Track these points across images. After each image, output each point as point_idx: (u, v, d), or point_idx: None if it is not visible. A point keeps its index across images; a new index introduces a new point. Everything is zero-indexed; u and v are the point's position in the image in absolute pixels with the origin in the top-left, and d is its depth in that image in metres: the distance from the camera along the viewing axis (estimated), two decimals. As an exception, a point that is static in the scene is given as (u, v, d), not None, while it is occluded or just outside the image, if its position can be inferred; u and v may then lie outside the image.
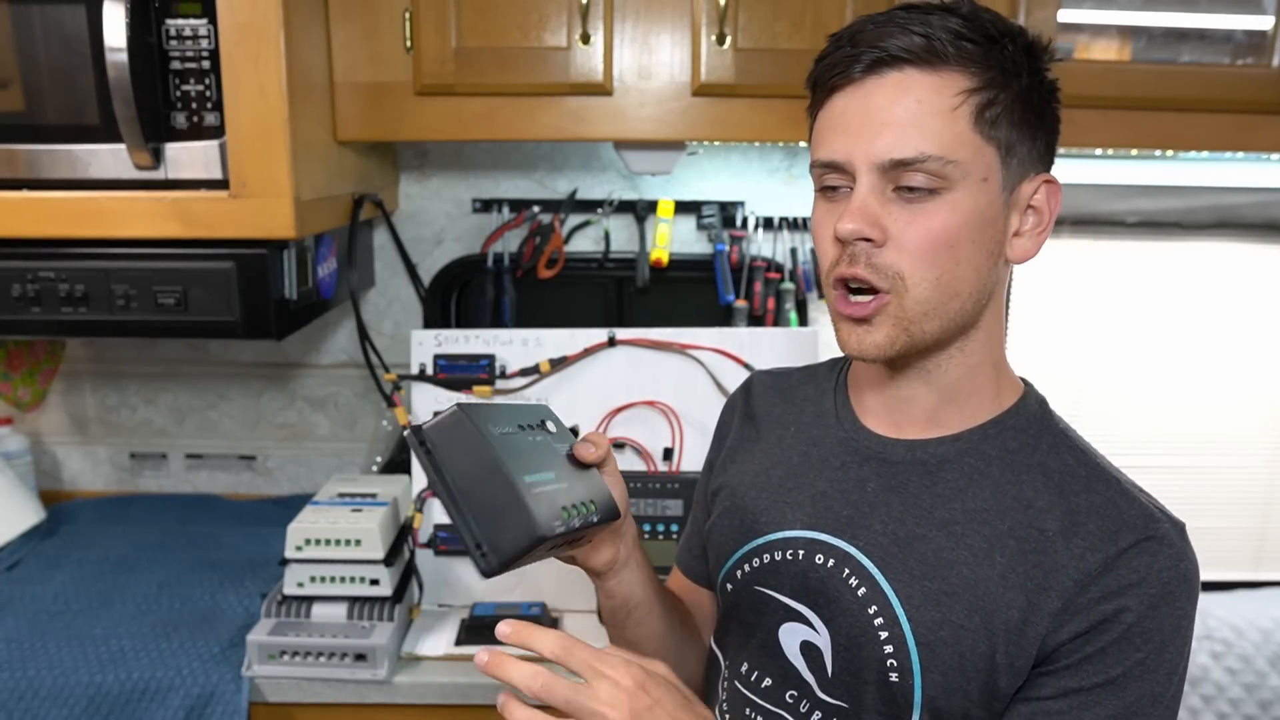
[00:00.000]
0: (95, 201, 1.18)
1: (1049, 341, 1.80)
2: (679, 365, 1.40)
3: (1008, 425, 0.79)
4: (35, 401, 1.77)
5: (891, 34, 0.70)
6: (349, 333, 1.75)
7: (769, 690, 0.82)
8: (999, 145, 0.71)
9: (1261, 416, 1.84)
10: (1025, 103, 0.72)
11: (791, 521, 0.82)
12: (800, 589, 0.80)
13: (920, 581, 0.74)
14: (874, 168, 0.71)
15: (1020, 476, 0.76)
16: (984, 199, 0.72)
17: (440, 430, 0.69)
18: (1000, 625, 0.71)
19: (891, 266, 0.71)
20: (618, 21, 1.30)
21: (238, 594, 1.41)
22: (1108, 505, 0.73)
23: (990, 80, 0.70)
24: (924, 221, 0.70)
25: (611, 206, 1.68)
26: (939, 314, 0.73)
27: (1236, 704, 1.71)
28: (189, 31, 1.15)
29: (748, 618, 0.84)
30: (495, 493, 0.67)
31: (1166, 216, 1.72)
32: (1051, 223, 0.76)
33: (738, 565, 0.85)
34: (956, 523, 0.75)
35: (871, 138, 0.70)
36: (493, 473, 0.67)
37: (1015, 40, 0.72)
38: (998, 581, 0.72)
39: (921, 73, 0.70)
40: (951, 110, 0.70)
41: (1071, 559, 0.71)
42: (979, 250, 0.73)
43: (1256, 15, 1.33)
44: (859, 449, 0.82)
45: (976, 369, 0.78)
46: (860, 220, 0.71)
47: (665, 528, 1.39)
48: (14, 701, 1.19)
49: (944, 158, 0.69)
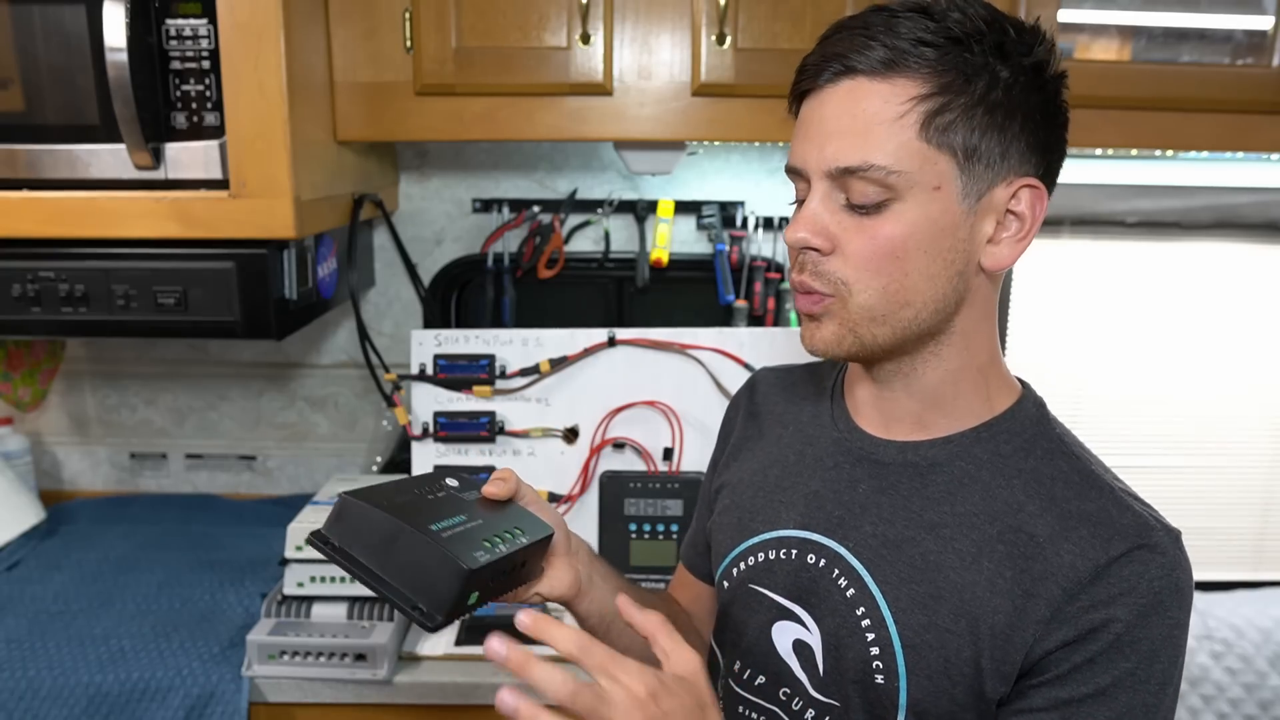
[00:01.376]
0: (95, 201, 1.18)
1: (1049, 341, 1.80)
2: (679, 365, 1.41)
3: (1000, 429, 0.78)
4: (35, 401, 1.77)
5: (851, 41, 0.69)
6: (349, 333, 1.75)
7: (762, 688, 0.83)
8: (955, 152, 0.69)
9: (1261, 416, 1.84)
10: (990, 104, 0.68)
11: (785, 521, 0.83)
12: (792, 588, 0.81)
13: (908, 584, 0.74)
14: (823, 176, 0.71)
15: (1011, 481, 0.75)
16: (936, 208, 0.70)
17: (334, 523, 0.69)
18: (986, 630, 0.71)
19: (835, 274, 0.72)
20: (618, 21, 1.30)
21: (238, 594, 1.41)
22: (1100, 513, 0.72)
23: (944, 85, 0.68)
24: (870, 232, 0.70)
25: (611, 206, 1.68)
26: (889, 321, 0.72)
27: (1236, 704, 1.71)
28: (189, 31, 1.15)
29: (741, 616, 0.85)
30: (409, 552, 0.66)
31: (1166, 216, 1.72)
32: (1034, 229, 0.72)
33: (734, 563, 0.86)
34: (945, 526, 0.75)
35: (820, 145, 0.70)
36: (398, 535, 0.66)
37: (982, 40, 0.68)
38: (985, 586, 0.72)
39: (873, 80, 0.69)
40: (898, 119, 0.68)
41: (1061, 566, 0.70)
42: (933, 260, 0.71)
43: (1256, 15, 1.32)
44: (852, 449, 0.82)
45: (957, 374, 0.77)
46: (808, 229, 0.71)
47: (665, 528, 1.39)
48: (14, 701, 1.19)
49: (887, 168, 0.68)
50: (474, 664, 1.27)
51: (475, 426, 1.39)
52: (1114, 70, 1.34)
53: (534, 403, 1.41)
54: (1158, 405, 1.83)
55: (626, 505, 1.37)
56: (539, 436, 1.41)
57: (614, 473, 1.39)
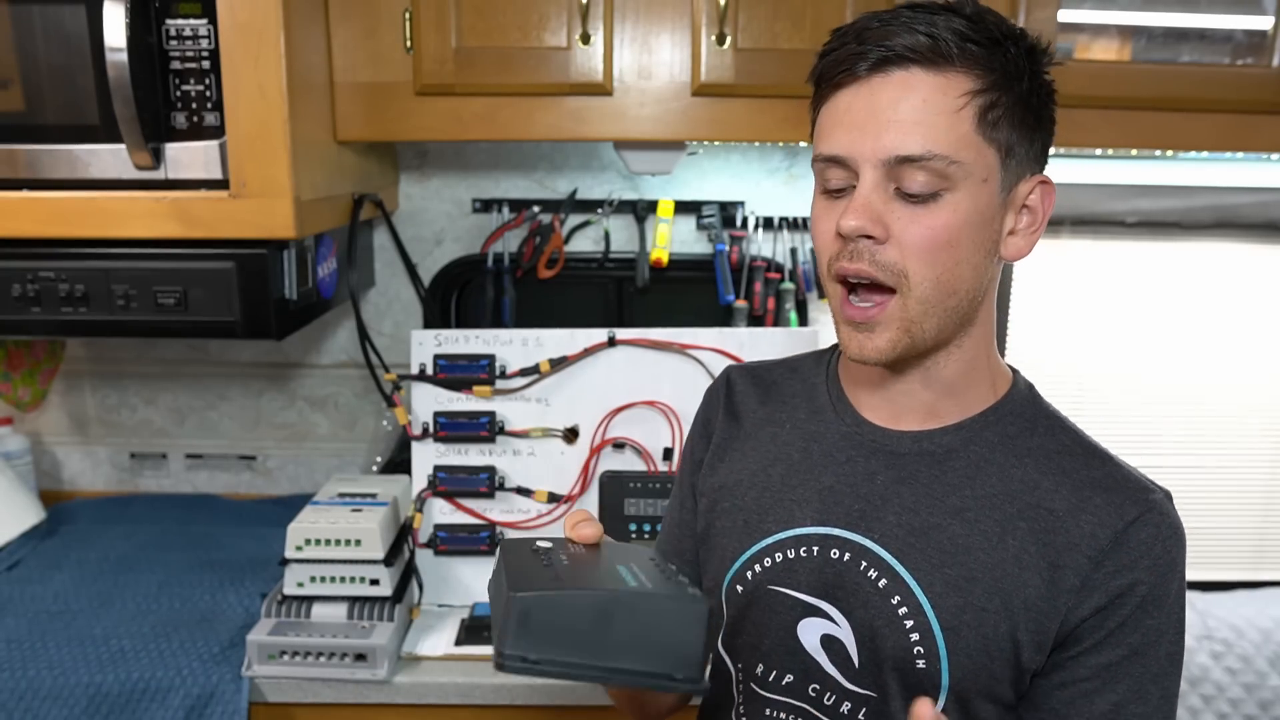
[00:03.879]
0: (95, 201, 1.18)
1: (1049, 341, 1.80)
2: (679, 365, 1.40)
3: (1005, 412, 0.81)
4: (35, 401, 1.77)
5: (897, 32, 0.70)
6: (349, 333, 1.75)
7: (790, 687, 0.83)
8: (999, 147, 0.72)
9: (1262, 417, 1.84)
10: (1025, 105, 0.73)
11: (801, 519, 0.83)
12: (817, 584, 0.81)
13: (940, 569, 0.76)
14: (878, 164, 0.71)
15: (1023, 460, 0.79)
16: (984, 200, 0.72)
17: (522, 632, 0.55)
18: (1020, 604, 0.74)
19: (895, 264, 0.72)
20: (618, 21, 1.30)
21: (238, 594, 1.41)
22: (1107, 479, 0.77)
23: (993, 83, 0.71)
24: (927, 221, 0.71)
25: (611, 206, 1.68)
26: (937, 312, 0.74)
27: (1236, 704, 1.71)
28: (189, 31, 1.15)
29: (761, 618, 0.84)
30: (630, 623, 0.55)
31: (1166, 216, 1.72)
32: (1045, 222, 0.77)
33: (747, 567, 0.85)
34: (969, 509, 0.78)
35: (877, 134, 0.71)
36: (612, 609, 0.55)
37: (1018, 43, 0.72)
38: (1013, 563, 0.75)
39: (927, 72, 0.70)
40: (956, 111, 0.70)
41: (1083, 536, 0.74)
42: (977, 250, 0.74)
43: (1256, 15, 1.32)
44: (863, 442, 0.83)
45: (973, 363, 0.80)
46: (864, 217, 0.71)
47: (665, 528, 1.39)
48: (14, 701, 1.19)
49: (949, 157, 0.70)
50: (474, 664, 1.27)
51: (475, 426, 1.39)
52: (1114, 70, 1.34)
53: (534, 403, 1.41)
54: (1158, 405, 1.83)
55: (626, 505, 1.37)
56: (539, 436, 1.41)
57: (614, 473, 1.39)
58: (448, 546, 1.40)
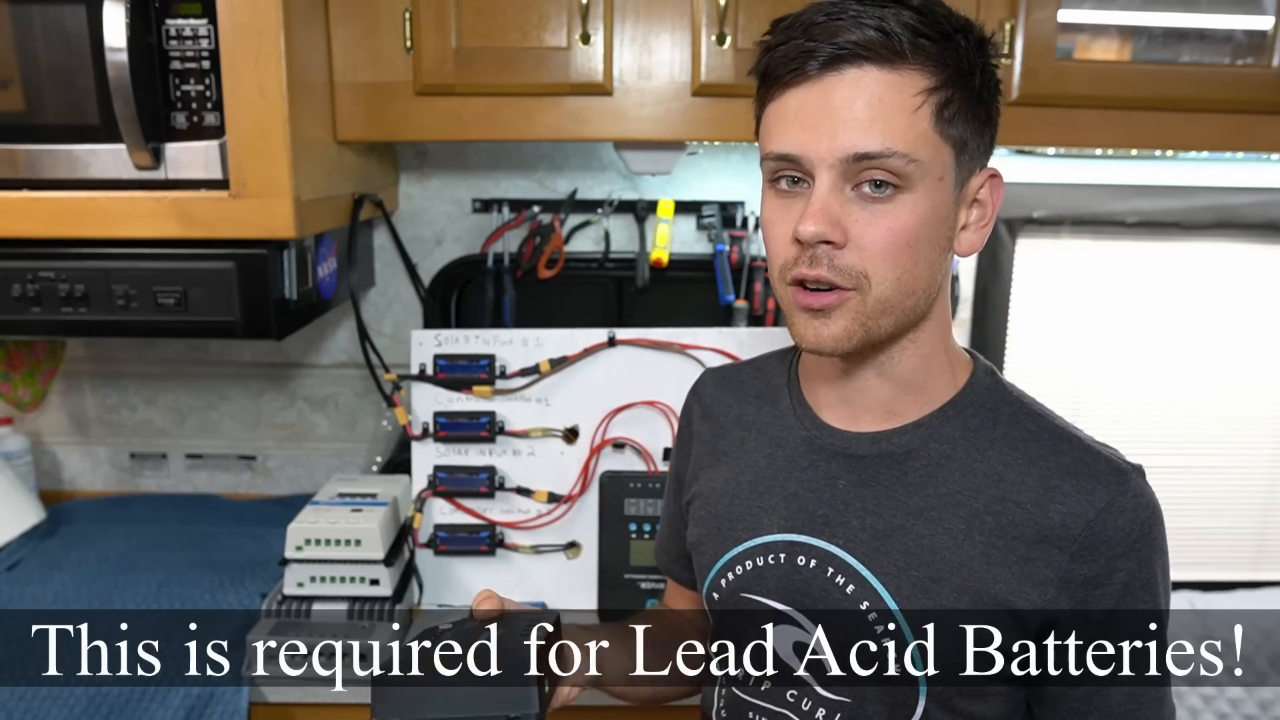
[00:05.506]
0: (95, 201, 1.18)
1: (1049, 342, 1.80)
2: (679, 365, 1.40)
3: (965, 404, 0.79)
4: (35, 401, 1.77)
5: (847, 28, 0.68)
6: (349, 333, 1.75)
7: (768, 692, 0.83)
8: (954, 143, 0.71)
9: (1262, 416, 1.84)
10: (978, 100, 0.72)
11: (768, 526, 0.82)
12: (785, 591, 0.81)
13: (906, 572, 0.75)
14: (834, 165, 0.69)
15: (986, 453, 0.77)
16: (939, 197, 0.72)
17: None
18: (990, 600, 0.73)
19: (854, 267, 0.71)
20: (618, 21, 1.30)
21: (238, 594, 1.41)
22: (1075, 464, 0.75)
23: (947, 79, 0.70)
24: (885, 223, 0.70)
25: (611, 206, 1.68)
26: (896, 310, 0.73)
27: (1236, 704, 1.71)
28: (189, 31, 1.14)
29: (736, 624, 0.85)
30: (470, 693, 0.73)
31: (1166, 216, 1.72)
32: (994, 215, 0.76)
33: (721, 574, 0.85)
34: (932, 509, 0.76)
35: (833, 133, 0.69)
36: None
37: (968, 36, 0.71)
38: (981, 559, 0.74)
39: (880, 70, 0.69)
40: (914, 110, 0.69)
41: (1052, 527, 0.73)
42: (934, 248, 0.73)
43: (1256, 15, 1.32)
44: (824, 446, 0.82)
45: (929, 358, 0.79)
46: (823, 222, 0.70)
47: (665, 528, 1.39)
48: (14, 701, 1.19)
49: (908, 155, 0.69)
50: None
51: (475, 426, 1.39)
52: (1114, 70, 1.34)
53: (534, 403, 1.41)
54: (1157, 405, 1.83)
55: (626, 505, 1.37)
56: (539, 436, 1.41)
57: (614, 473, 1.39)
58: (448, 547, 1.40)
